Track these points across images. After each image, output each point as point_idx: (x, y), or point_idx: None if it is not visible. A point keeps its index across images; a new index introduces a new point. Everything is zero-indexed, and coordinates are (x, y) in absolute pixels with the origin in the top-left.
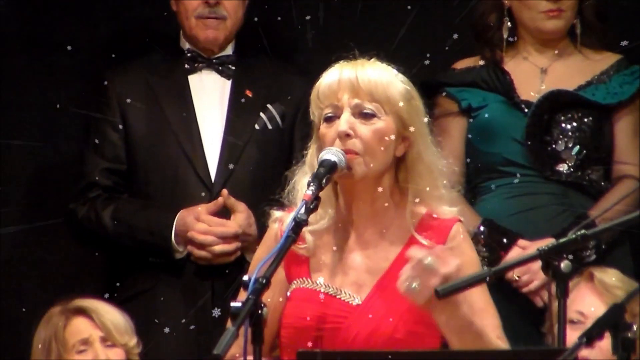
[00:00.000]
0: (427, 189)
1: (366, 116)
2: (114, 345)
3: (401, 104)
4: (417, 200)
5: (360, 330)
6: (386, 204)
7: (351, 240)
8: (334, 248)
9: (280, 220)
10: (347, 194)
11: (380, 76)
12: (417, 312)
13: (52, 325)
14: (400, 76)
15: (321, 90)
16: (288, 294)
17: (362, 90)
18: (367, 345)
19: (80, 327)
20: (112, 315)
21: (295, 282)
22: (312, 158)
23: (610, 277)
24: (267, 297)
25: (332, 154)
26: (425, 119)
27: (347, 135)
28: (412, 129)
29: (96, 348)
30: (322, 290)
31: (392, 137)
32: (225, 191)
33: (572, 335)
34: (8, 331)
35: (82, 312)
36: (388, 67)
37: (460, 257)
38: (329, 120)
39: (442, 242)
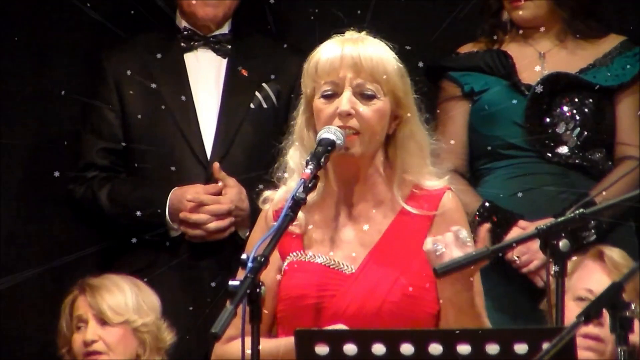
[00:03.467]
0: (416, 165)
1: (367, 97)
2: (110, 325)
3: (398, 83)
4: (405, 174)
5: (354, 297)
6: (378, 179)
7: (343, 215)
8: (326, 223)
9: (270, 199)
10: (340, 170)
11: (380, 55)
12: (412, 276)
13: (66, 300)
14: (393, 53)
15: (321, 65)
16: (283, 269)
17: (364, 70)
18: (361, 311)
19: (79, 304)
20: (110, 294)
21: (289, 256)
22: (300, 130)
23: (619, 255)
24: (263, 277)
25: (331, 132)
26: (414, 97)
27: (349, 115)
28: (404, 107)
29: (89, 327)
30: (317, 261)
31: (388, 116)
32: (217, 164)
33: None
34: (5, 308)
35: (84, 290)
36: (383, 44)
37: (452, 224)
38: (327, 97)
39: (434, 209)
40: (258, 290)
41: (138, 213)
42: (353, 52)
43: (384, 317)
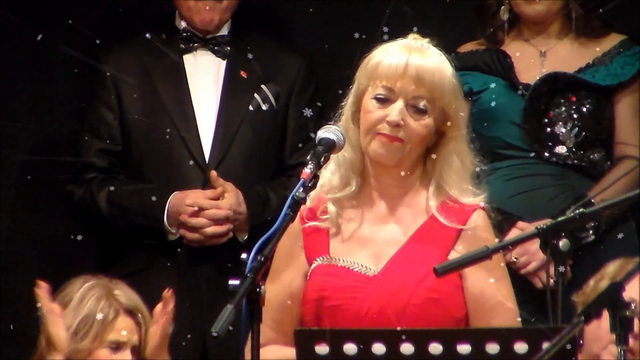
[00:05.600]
0: (456, 181)
1: (418, 111)
2: (138, 356)
3: (451, 101)
4: (442, 187)
5: (376, 299)
6: (414, 184)
7: (372, 214)
8: (357, 220)
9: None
10: (379, 172)
11: (442, 72)
12: (435, 280)
13: (99, 306)
14: (452, 68)
15: (383, 68)
16: (309, 274)
17: (424, 85)
18: (382, 314)
19: (127, 327)
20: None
21: (315, 261)
22: (346, 123)
23: None
24: (287, 283)
25: (331, 132)
26: (463, 114)
27: (397, 126)
28: (454, 124)
29: (125, 355)
30: (341, 264)
31: (433, 131)
32: (214, 172)
33: None
34: (5, 308)
35: (132, 314)
36: (445, 57)
37: (479, 243)
38: (380, 100)
39: (462, 224)
40: (258, 290)
41: (136, 216)
42: (418, 64)
43: (407, 320)
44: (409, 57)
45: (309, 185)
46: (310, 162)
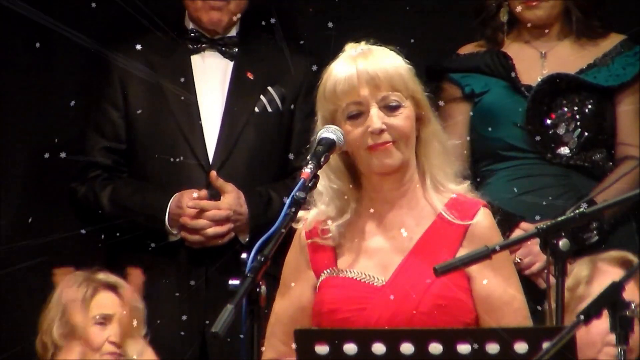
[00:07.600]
0: (440, 164)
1: (393, 108)
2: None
3: (414, 85)
4: (433, 176)
5: (384, 310)
6: (413, 186)
7: (376, 223)
8: (360, 232)
9: (304, 219)
10: (377, 180)
11: (394, 64)
12: (443, 286)
13: (78, 290)
14: (402, 56)
15: (339, 87)
16: (317, 286)
17: (383, 82)
18: (391, 322)
19: (106, 302)
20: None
21: (323, 273)
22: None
23: None
24: (297, 296)
25: (331, 132)
26: (427, 94)
27: (381, 131)
28: (423, 106)
29: (113, 327)
30: (349, 275)
31: (415, 119)
32: (214, 173)
33: None
34: (6, 307)
35: (113, 288)
36: (390, 50)
37: (486, 241)
38: (353, 118)
39: (469, 220)
40: (258, 290)
41: (138, 216)
42: (368, 67)
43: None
44: (356, 65)
45: (309, 185)
46: (310, 162)
